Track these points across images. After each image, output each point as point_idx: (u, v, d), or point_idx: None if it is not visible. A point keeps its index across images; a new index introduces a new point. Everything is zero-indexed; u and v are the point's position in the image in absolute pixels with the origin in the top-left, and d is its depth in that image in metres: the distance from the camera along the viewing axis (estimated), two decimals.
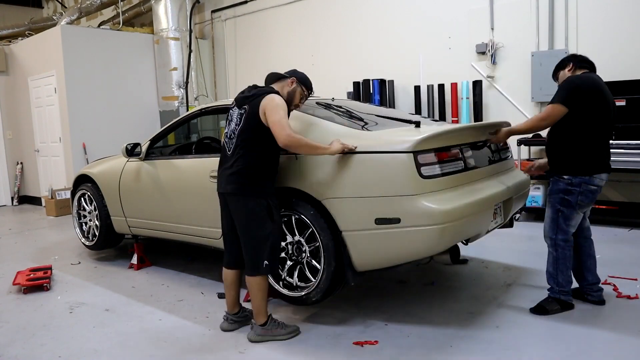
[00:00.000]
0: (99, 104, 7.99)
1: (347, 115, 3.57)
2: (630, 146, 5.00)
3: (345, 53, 7.50)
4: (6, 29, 10.46)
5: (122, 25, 8.95)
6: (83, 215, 5.00)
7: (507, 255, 4.43)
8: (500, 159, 3.65)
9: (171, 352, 2.90)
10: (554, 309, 3.14)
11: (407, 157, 2.81)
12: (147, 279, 4.29)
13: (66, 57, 7.65)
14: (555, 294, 3.17)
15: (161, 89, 8.55)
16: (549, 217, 3.17)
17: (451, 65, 6.48)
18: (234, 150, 2.92)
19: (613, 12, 5.45)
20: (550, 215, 3.16)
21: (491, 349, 2.75)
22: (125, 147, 4.29)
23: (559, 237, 3.12)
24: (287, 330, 2.99)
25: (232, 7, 8.74)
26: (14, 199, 9.08)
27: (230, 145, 2.94)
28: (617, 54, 5.44)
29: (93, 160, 6.43)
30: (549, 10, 5.79)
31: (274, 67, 8.30)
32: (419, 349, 2.77)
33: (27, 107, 8.69)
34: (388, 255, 2.93)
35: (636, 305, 3.25)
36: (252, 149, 2.88)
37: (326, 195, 2.98)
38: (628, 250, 4.45)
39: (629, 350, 2.67)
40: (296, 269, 3.24)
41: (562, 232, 3.11)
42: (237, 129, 2.93)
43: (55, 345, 3.06)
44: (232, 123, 2.99)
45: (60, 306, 3.72)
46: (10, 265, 4.84)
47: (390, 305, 3.41)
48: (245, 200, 2.87)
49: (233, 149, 2.92)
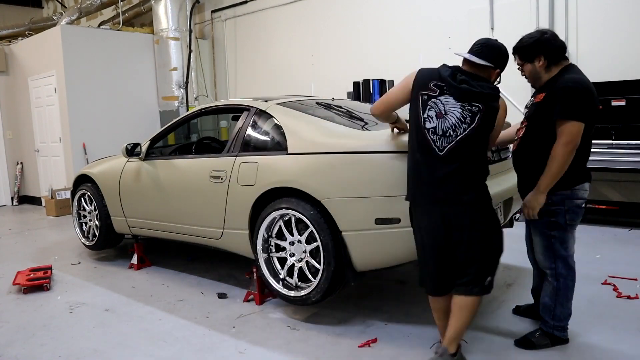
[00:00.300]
0: (99, 104, 7.99)
1: (347, 115, 3.57)
2: (630, 146, 5.00)
3: (345, 53, 7.49)
4: (6, 29, 10.47)
5: (122, 25, 8.95)
6: (83, 215, 5.00)
7: (507, 255, 4.40)
8: (500, 159, 3.65)
9: (171, 352, 2.90)
10: (542, 343, 2.73)
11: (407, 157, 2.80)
12: (147, 279, 4.29)
13: (66, 57, 7.65)
14: (548, 328, 2.74)
15: (161, 89, 8.55)
16: (541, 246, 2.74)
17: None
18: (455, 151, 2.43)
19: (613, 12, 5.45)
20: (542, 243, 2.74)
21: (491, 349, 2.75)
22: (125, 147, 4.29)
23: (559, 265, 2.69)
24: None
25: (232, 7, 8.74)
26: (14, 199, 9.08)
27: (446, 144, 2.44)
28: (617, 54, 5.44)
29: (93, 160, 6.43)
30: (549, 10, 5.79)
31: (274, 67, 8.35)
32: (419, 349, 2.77)
33: (27, 107, 8.69)
34: (388, 255, 2.93)
35: (636, 305, 3.25)
36: (481, 150, 2.53)
37: (326, 195, 2.98)
38: (628, 250, 4.45)
39: (629, 350, 2.67)
40: (296, 269, 3.23)
41: (561, 258, 2.69)
42: (468, 127, 2.42)
43: (55, 345, 3.06)
44: (449, 117, 2.44)
45: (60, 306, 3.72)
46: (10, 265, 4.84)
47: (390, 305, 3.41)
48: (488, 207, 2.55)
49: (454, 148, 2.43)
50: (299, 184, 3.10)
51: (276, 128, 3.43)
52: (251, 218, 3.40)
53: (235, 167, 3.52)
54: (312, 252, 3.14)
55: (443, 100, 2.45)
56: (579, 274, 3.81)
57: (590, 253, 4.37)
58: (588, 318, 3.07)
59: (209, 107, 4.11)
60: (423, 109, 2.48)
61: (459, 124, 2.42)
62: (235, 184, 3.48)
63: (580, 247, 4.50)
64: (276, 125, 3.44)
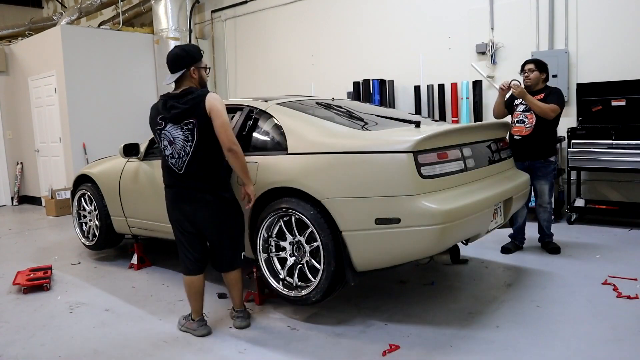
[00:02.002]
0: (99, 104, 7.99)
1: (347, 115, 3.57)
2: (630, 146, 5.00)
3: (345, 53, 7.49)
4: (6, 29, 10.46)
5: (122, 25, 8.95)
6: (83, 215, 5.00)
7: (507, 255, 4.43)
8: (500, 159, 3.65)
9: (171, 352, 2.90)
10: (557, 246, 4.41)
11: (407, 157, 2.81)
12: (147, 279, 4.29)
13: (66, 57, 7.65)
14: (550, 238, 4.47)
15: (161, 89, 8.55)
16: (547, 189, 4.34)
17: (451, 65, 6.48)
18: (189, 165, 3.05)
19: (613, 12, 5.45)
20: (548, 187, 4.34)
21: (491, 349, 2.75)
22: (122, 147, 4.28)
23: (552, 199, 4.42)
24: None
25: (232, 7, 8.74)
26: (14, 199, 9.08)
27: (182, 163, 3.08)
28: (617, 54, 5.44)
29: (93, 160, 6.43)
30: (549, 10, 5.79)
31: (274, 67, 8.35)
32: (419, 349, 2.77)
33: (27, 107, 8.69)
34: (388, 255, 2.93)
35: (636, 305, 3.25)
36: (215, 155, 3.10)
37: (326, 195, 2.98)
38: (628, 250, 4.45)
39: (629, 350, 2.67)
40: (296, 269, 3.23)
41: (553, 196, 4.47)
42: (192, 143, 3.00)
43: (55, 345, 3.06)
44: (177, 141, 3.04)
45: (60, 306, 3.72)
46: (10, 265, 4.84)
47: (390, 305, 3.41)
48: None
49: (188, 164, 3.07)
50: (299, 184, 3.10)
51: (276, 128, 3.43)
52: (251, 218, 3.40)
53: None
54: (312, 252, 3.14)
55: (168, 129, 2.95)
56: (579, 274, 3.83)
57: (590, 253, 4.37)
58: (588, 318, 3.07)
59: None
60: (160, 141, 3.02)
61: (185, 144, 2.92)
62: (235, 184, 3.47)
63: (580, 247, 4.54)
64: (276, 125, 3.44)
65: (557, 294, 3.26)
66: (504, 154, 3.75)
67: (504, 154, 3.77)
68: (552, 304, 3.30)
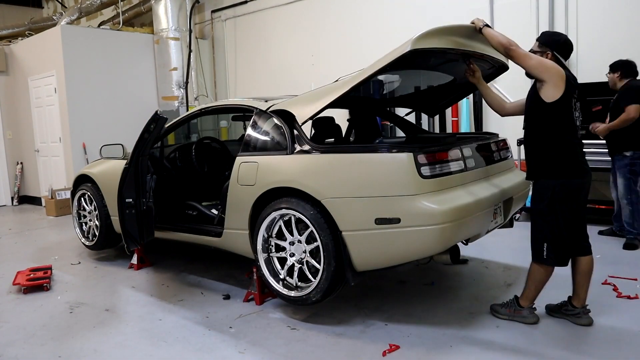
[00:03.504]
0: (99, 104, 7.99)
1: None
2: None
3: (345, 53, 7.49)
4: (6, 29, 10.47)
5: (122, 25, 8.95)
6: (83, 215, 5.00)
7: (507, 255, 4.43)
8: (500, 159, 3.65)
9: (171, 352, 2.90)
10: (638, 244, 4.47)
11: (406, 157, 2.81)
12: (147, 279, 4.29)
13: (66, 57, 7.65)
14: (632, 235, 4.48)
15: (161, 89, 8.55)
16: (622, 184, 4.47)
17: None
18: None
19: (613, 12, 5.45)
20: (623, 182, 4.47)
21: (491, 349, 2.75)
22: (101, 148, 4.23)
23: (633, 195, 4.43)
24: None
25: (232, 7, 8.74)
26: (14, 199, 9.08)
27: None
28: (617, 54, 5.42)
29: (93, 160, 6.43)
30: (549, 10, 5.79)
31: (274, 66, 8.35)
32: (419, 349, 2.78)
33: (27, 107, 8.69)
34: (388, 255, 2.92)
35: (636, 305, 3.25)
36: None
37: (326, 195, 2.98)
38: (628, 250, 4.45)
39: (629, 350, 2.67)
40: (296, 269, 3.23)
41: (635, 192, 4.44)
42: None
43: (55, 345, 3.06)
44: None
45: (60, 306, 3.72)
46: (10, 265, 4.84)
47: (390, 305, 3.41)
48: None
49: None
50: (299, 184, 3.10)
51: (276, 128, 3.43)
52: (251, 218, 3.40)
53: (235, 167, 3.52)
54: (312, 252, 3.14)
55: None
56: None
57: None
58: None
59: (209, 107, 4.11)
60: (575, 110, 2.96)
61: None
62: (235, 184, 3.48)
63: None
64: (276, 125, 3.44)
65: (557, 294, 3.25)
66: (504, 154, 3.75)
67: (504, 154, 3.77)
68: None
